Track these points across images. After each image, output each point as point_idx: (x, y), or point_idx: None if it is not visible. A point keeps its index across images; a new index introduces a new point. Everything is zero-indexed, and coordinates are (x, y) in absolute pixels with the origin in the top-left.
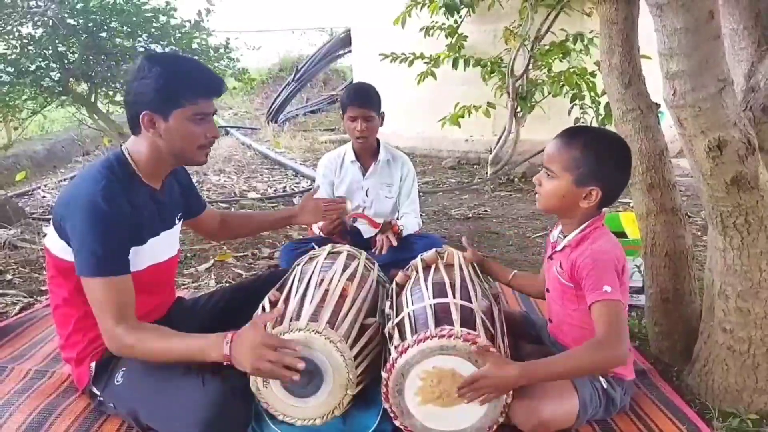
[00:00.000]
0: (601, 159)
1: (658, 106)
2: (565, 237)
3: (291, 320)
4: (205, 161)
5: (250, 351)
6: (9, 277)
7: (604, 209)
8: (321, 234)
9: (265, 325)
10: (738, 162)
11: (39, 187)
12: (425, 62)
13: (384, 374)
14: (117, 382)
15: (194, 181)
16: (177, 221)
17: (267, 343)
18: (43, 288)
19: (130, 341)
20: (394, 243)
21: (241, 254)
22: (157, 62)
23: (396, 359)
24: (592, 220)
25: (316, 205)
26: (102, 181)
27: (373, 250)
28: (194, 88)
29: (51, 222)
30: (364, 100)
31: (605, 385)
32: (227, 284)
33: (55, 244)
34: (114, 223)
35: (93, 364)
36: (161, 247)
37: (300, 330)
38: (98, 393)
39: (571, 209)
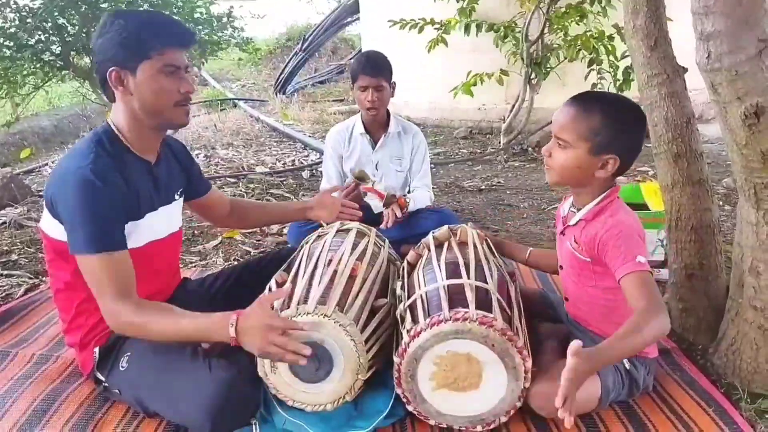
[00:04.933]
0: (621, 127)
1: (685, 70)
2: (578, 210)
3: (299, 303)
4: (186, 121)
5: (258, 333)
6: (14, 257)
7: (619, 179)
8: None
9: (272, 305)
10: None
11: (46, 164)
12: (435, 28)
13: (396, 359)
14: (122, 367)
15: (202, 155)
16: (177, 197)
17: (274, 325)
18: None
19: (130, 318)
20: (399, 215)
21: (249, 231)
22: (120, 16)
23: (408, 343)
24: (608, 191)
25: (333, 202)
26: (90, 155)
27: (380, 226)
28: (160, 36)
29: (44, 203)
30: (374, 69)
31: (628, 366)
32: (235, 262)
33: (50, 226)
34: (106, 197)
35: (97, 349)
36: (160, 223)
37: (308, 314)
38: (103, 379)
39: (586, 180)
